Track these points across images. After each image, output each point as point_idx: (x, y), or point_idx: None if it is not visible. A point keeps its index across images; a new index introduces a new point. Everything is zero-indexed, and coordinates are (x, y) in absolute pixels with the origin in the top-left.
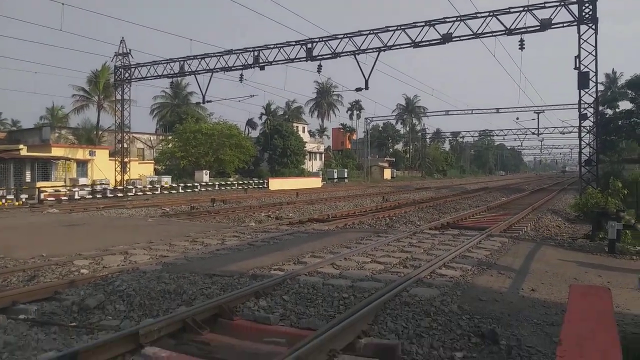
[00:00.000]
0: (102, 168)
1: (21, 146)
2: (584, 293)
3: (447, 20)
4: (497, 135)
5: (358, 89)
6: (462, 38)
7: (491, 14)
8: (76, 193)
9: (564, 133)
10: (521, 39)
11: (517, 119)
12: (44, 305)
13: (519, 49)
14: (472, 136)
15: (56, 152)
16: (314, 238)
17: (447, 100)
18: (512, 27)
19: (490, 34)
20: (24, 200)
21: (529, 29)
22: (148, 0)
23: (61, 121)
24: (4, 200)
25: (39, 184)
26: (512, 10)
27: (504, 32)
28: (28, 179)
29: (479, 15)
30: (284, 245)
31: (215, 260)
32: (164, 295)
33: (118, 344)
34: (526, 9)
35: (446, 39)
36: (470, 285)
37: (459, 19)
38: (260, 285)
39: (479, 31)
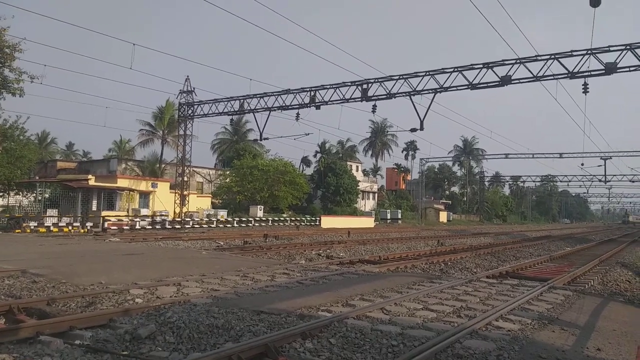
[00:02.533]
0: (163, 200)
1: (90, 176)
2: None
3: (506, 62)
4: (560, 181)
5: (413, 130)
6: (521, 80)
7: (552, 56)
8: (137, 223)
9: (633, 181)
10: (585, 82)
11: (582, 164)
12: (98, 332)
13: (583, 92)
14: (534, 181)
15: (121, 183)
16: (364, 280)
17: (506, 143)
18: (575, 70)
19: (552, 77)
20: (89, 228)
21: (592, 73)
22: (212, 41)
23: (128, 153)
24: (70, 227)
25: (103, 213)
26: (574, 53)
27: (566, 76)
28: (94, 207)
29: (539, 58)
30: (333, 286)
31: (264, 297)
32: (212, 330)
33: None
34: (589, 52)
35: (505, 81)
36: (530, 341)
37: (518, 61)
38: (307, 326)
39: (540, 74)
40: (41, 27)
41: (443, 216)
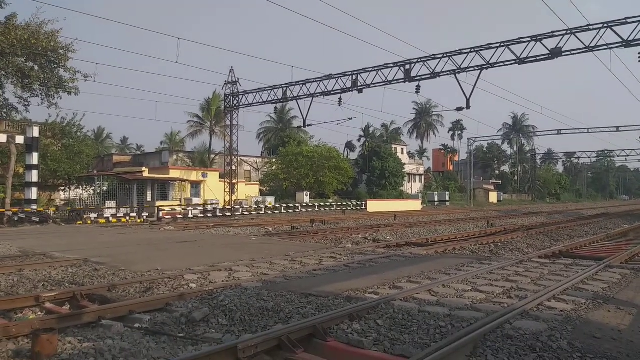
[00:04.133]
0: (213, 189)
1: (144, 169)
2: None
3: (556, 34)
4: (618, 156)
5: (459, 109)
6: (572, 52)
7: (605, 25)
8: (190, 212)
9: None
10: None
11: None
12: (156, 316)
13: (639, 61)
14: (589, 157)
15: (173, 174)
16: (411, 262)
17: (558, 119)
18: (630, 38)
19: (605, 47)
20: (144, 217)
21: None
22: (253, 30)
23: (178, 145)
24: (128, 218)
25: (158, 203)
26: (629, 20)
27: (620, 44)
28: (149, 198)
29: (591, 27)
30: (380, 269)
31: (312, 280)
32: (262, 312)
33: (218, 357)
34: None
35: (555, 53)
36: (584, 321)
37: (568, 32)
38: (354, 308)
39: (592, 44)
40: (91, 28)
41: (493, 196)
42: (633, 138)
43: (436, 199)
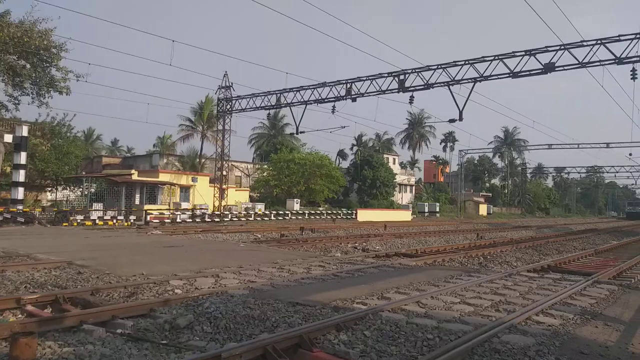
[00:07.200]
0: (203, 194)
1: (133, 171)
2: None
3: (550, 49)
4: (607, 172)
5: (451, 121)
6: (565, 68)
7: (599, 42)
8: (178, 216)
9: None
10: (633, 68)
11: (630, 154)
12: (139, 322)
13: (631, 79)
14: (579, 172)
15: (163, 177)
16: (400, 273)
17: (549, 133)
18: (623, 55)
19: (598, 63)
20: (132, 221)
21: None
22: (248, 35)
23: (169, 149)
24: (115, 221)
25: (146, 207)
26: (622, 38)
27: (613, 61)
28: (137, 201)
29: (585, 43)
30: (369, 279)
31: (300, 289)
32: (248, 321)
33: None
34: (638, 36)
35: (548, 68)
36: (571, 336)
37: (562, 47)
38: (341, 318)
39: (585, 60)
40: (85, 27)
41: (483, 209)
42: (622, 155)
43: (426, 210)
